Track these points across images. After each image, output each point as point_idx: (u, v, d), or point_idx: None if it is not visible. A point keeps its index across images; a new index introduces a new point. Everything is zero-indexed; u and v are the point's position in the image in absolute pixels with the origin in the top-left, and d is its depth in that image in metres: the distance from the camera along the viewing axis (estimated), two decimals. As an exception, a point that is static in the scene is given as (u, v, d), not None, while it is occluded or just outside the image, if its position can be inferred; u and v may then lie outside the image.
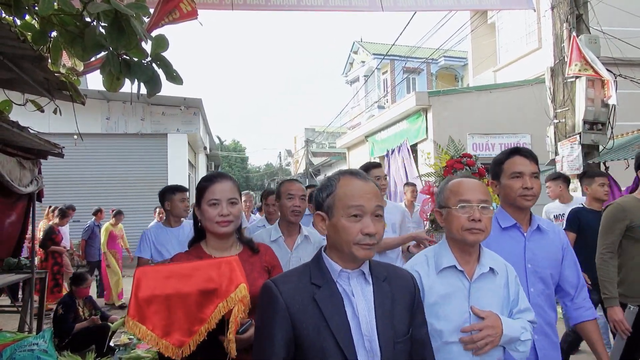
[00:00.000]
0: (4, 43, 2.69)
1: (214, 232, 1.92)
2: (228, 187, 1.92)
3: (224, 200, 1.89)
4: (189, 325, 1.69)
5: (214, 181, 1.94)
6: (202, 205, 1.92)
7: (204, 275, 1.73)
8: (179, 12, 3.31)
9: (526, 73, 12.23)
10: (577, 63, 5.87)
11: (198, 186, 1.95)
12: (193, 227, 2.08)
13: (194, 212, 2.00)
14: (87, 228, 8.77)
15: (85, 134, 6.02)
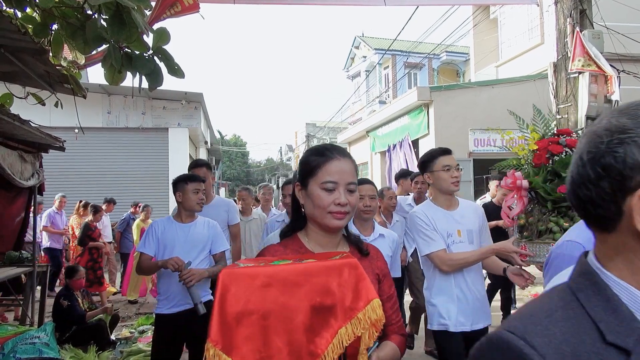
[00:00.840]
0: (5, 36, 2.67)
1: (323, 224, 1.46)
2: (349, 168, 1.47)
3: (342, 185, 1.43)
4: None
5: (331, 157, 1.46)
6: (310, 187, 1.46)
7: (319, 283, 1.24)
8: (180, 5, 3.29)
9: (528, 68, 12.18)
10: (580, 58, 5.84)
11: (306, 160, 1.50)
12: (291, 211, 1.63)
13: (294, 193, 1.54)
14: (123, 220, 8.95)
15: (86, 127, 6.01)
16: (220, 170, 30.57)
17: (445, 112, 11.25)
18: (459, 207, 2.83)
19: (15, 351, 3.67)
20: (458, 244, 2.69)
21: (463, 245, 2.68)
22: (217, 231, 3.43)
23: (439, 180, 2.76)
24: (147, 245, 3.31)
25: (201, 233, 3.36)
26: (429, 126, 11.47)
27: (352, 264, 1.28)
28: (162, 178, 13.15)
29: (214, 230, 3.41)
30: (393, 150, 13.16)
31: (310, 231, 1.53)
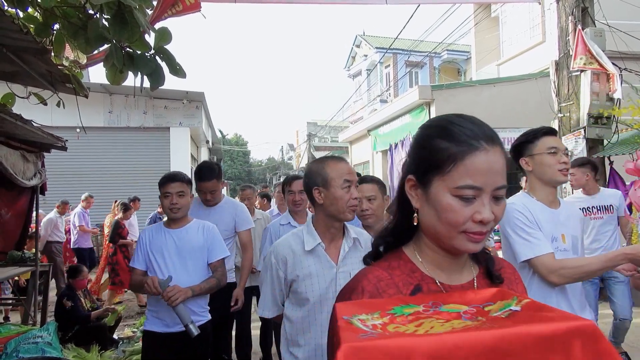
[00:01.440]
0: (7, 35, 2.67)
1: (450, 246, 1.00)
2: (499, 165, 0.99)
3: (487, 192, 0.96)
4: None
5: (476, 147, 0.97)
6: (434, 188, 0.99)
7: None
8: (182, 4, 3.29)
9: (530, 67, 12.16)
10: (582, 56, 5.83)
11: (432, 144, 1.01)
12: (396, 215, 1.12)
13: (402, 191, 1.08)
14: (150, 219, 8.99)
15: (87, 127, 6.02)
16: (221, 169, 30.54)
17: (446, 111, 11.03)
18: (561, 206, 2.23)
19: (18, 350, 3.67)
20: (562, 252, 2.09)
21: (567, 254, 2.10)
22: (214, 236, 3.04)
23: (541, 167, 2.16)
24: (136, 259, 2.93)
25: (194, 239, 2.96)
26: (431, 125, 11.46)
27: (586, 331, 0.70)
28: (164, 177, 13.16)
29: (210, 235, 3.02)
30: (395, 149, 13.15)
31: (423, 247, 1.06)
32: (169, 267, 2.87)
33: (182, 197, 2.93)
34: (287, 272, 2.00)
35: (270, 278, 2.07)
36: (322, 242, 2.02)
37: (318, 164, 2.09)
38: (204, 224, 3.06)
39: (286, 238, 2.10)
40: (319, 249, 2.01)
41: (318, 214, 2.07)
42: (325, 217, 2.03)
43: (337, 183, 1.98)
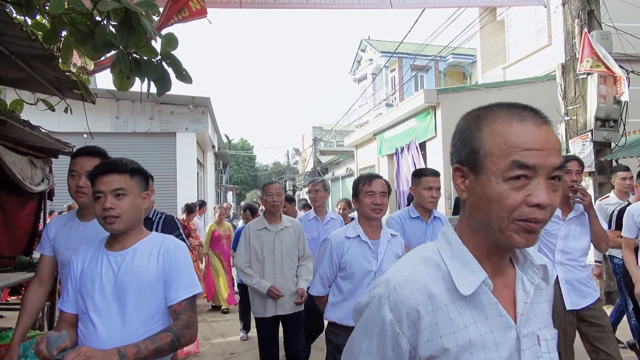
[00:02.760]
0: (16, 42, 2.70)
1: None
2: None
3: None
4: None
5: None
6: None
7: None
8: (188, 10, 3.31)
9: (536, 70, 12.12)
10: (588, 59, 5.81)
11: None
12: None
13: None
14: None
15: (94, 132, 6.06)
16: (227, 174, 30.64)
17: (452, 115, 11.21)
18: None
19: (26, 356, 3.68)
20: None
21: None
22: (178, 262, 1.91)
23: None
24: (64, 298, 1.97)
25: (143, 267, 1.87)
26: (437, 128, 11.44)
27: None
28: (170, 182, 13.23)
29: (172, 260, 1.90)
30: (401, 153, 13.13)
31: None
32: (99, 311, 1.83)
33: (123, 199, 1.86)
34: (418, 342, 0.95)
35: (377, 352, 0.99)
36: None
37: None
38: (163, 242, 1.96)
39: (412, 270, 1.01)
40: (483, 292, 0.98)
41: (467, 224, 1.03)
42: (482, 231, 0.98)
43: None
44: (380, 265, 2.76)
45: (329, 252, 2.86)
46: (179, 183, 13.29)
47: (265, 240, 3.84)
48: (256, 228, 3.90)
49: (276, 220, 3.91)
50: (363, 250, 2.81)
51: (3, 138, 3.70)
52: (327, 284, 2.93)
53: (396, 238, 2.96)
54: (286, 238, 3.88)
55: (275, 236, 3.86)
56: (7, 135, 3.73)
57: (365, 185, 2.88)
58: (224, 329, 6.32)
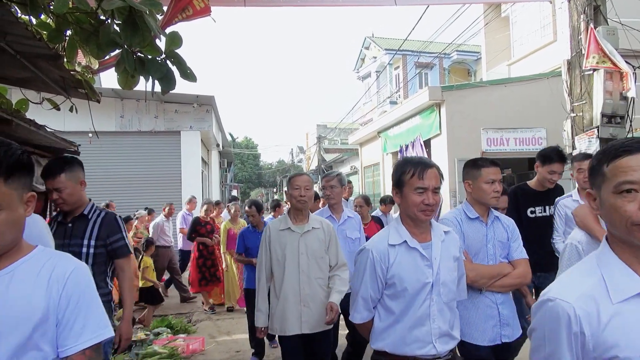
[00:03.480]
0: (21, 42, 2.71)
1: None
2: None
3: None
4: None
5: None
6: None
7: None
8: (192, 9, 3.30)
9: (541, 66, 12.06)
10: (594, 55, 5.76)
11: None
12: None
13: None
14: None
15: (99, 132, 6.08)
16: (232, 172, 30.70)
17: (457, 112, 11.18)
18: None
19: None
20: None
21: None
22: (80, 291, 1.36)
23: None
24: None
25: (19, 300, 1.29)
26: (441, 126, 11.41)
27: None
28: (175, 181, 13.26)
29: (72, 289, 1.34)
30: (405, 150, 13.10)
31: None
32: None
33: None
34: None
35: None
36: None
37: None
38: (57, 265, 1.36)
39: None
40: None
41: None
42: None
43: None
44: (438, 274, 2.14)
45: (370, 267, 2.17)
46: (184, 181, 13.33)
47: (289, 243, 3.22)
48: (278, 228, 3.29)
49: (302, 220, 3.30)
50: (414, 259, 2.15)
51: (9, 137, 3.71)
52: (372, 305, 2.24)
53: (450, 235, 2.30)
54: (314, 242, 3.23)
55: (300, 239, 3.22)
56: (13, 134, 3.74)
57: (414, 178, 2.11)
58: (230, 327, 6.33)
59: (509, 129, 11.23)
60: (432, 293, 2.13)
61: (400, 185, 2.18)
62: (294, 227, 3.26)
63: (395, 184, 2.22)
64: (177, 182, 13.27)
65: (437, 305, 2.13)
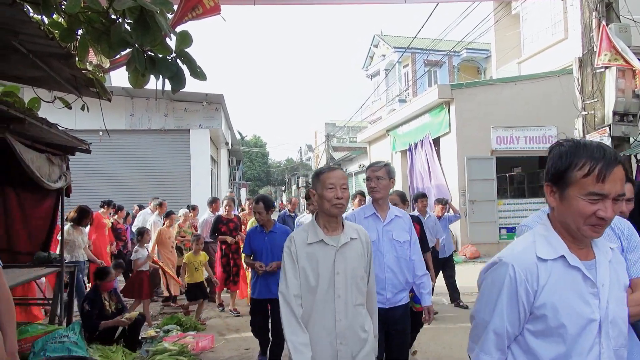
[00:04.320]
0: (33, 41, 2.74)
1: None
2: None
3: None
4: None
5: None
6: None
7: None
8: (202, 7, 3.31)
9: (552, 64, 11.96)
10: (606, 53, 5.70)
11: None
12: None
13: None
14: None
15: (109, 130, 6.12)
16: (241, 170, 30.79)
17: (466, 110, 11.13)
18: None
19: (45, 349, 3.76)
20: None
21: None
22: None
23: None
24: None
25: None
26: (450, 124, 11.35)
27: None
28: (184, 179, 13.34)
29: None
30: (415, 149, 13.06)
31: None
32: None
33: None
34: None
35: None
36: None
37: None
38: None
39: None
40: None
41: None
42: None
43: None
44: (607, 308, 1.44)
45: (510, 289, 1.45)
46: (193, 180, 13.40)
47: (321, 261, 2.40)
48: (305, 241, 2.45)
49: (337, 229, 2.47)
50: (575, 284, 1.44)
51: (21, 135, 3.76)
52: (506, 344, 1.50)
53: (617, 254, 1.60)
54: (353, 257, 2.45)
55: (336, 254, 2.41)
56: (25, 132, 3.79)
57: (591, 179, 1.38)
58: (239, 325, 6.35)
59: (519, 127, 11.15)
60: (601, 336, 1.42)
61: (563, 182, 1.44)
62: (327, 239, 2.41)
63: (551, 178, 1.48)
64: (186, 180, 13.35)
65: (607, 353, 1.42)
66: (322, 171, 2.53)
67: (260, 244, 4.62)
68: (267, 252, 4.57)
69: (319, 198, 2.46)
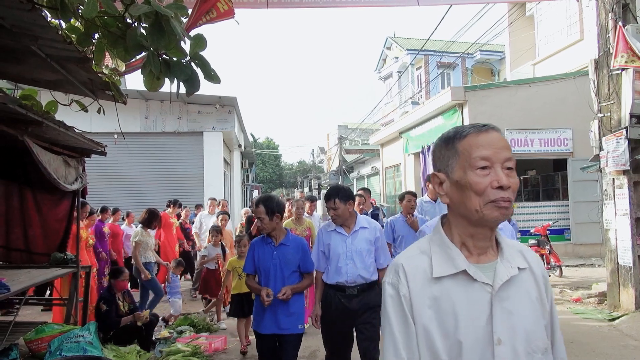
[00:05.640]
0: (51, 45, 2.79)
1: None
2: None
3: None
4: None
5: None
6: None
7: None
8: (216, 11, 3.35)
9: (567, 66, 11.83)
10: (623, 54, 5.63)
11: None
12: None
13: None
14: None
15: (124, 132, 6.19)
16: (253, 172, 30.92)
17: (480, 112, 11.04)
18: None
19: (61, 349, 3.81)
20: None
21: None
22: None
23: None
24: None
25: None
26: (464, 127, 11.29)
27: None
28: (198, 181, 13.44)
29: None
30: (428, 151, 13.00)
31: None
32: None
33: None
34: None
35: None
36: None
37: None
38: None
39: None
40: None
41: None
42: None
43: None
44: None
45: None
46: (206, 182, 13.49)
47: (465, 314, 1.23)
48: (428, 274, 1.31)
49: (487, 251, 1.29)
50: None
51: (39, 138, 3.82)
52: None
53: None
54: (525, 307, 1.26)
55: (494, 300, 1.21)
56: (43, 135, 3.85)
57: None
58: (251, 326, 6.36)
59: (533, 130, 11.04)
60: None
61: None
62: (474, 271, 1.23)
63: None
64: (199, 182, 13.45)
65: None
66: (461, 133, 1.24)
67: (267, 261, 3.48)
68: (277, 272, 3.46)
69: (455, 189, 1.23)
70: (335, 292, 3.54)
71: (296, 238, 3.70)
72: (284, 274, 3.44)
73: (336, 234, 3.62)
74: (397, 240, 5.36)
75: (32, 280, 4.22)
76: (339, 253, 3.53)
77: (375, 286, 3.53)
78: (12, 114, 3.11)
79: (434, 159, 1.33)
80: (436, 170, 1.30)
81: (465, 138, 1.23)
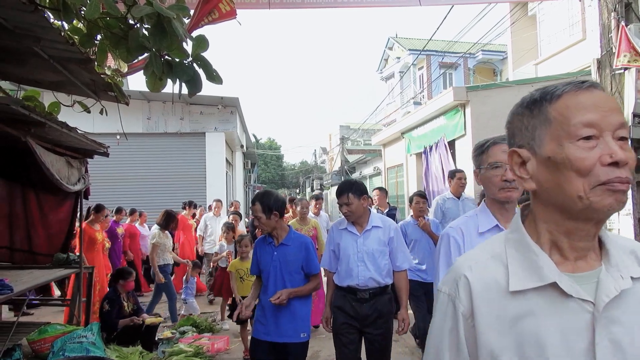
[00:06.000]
0: (54, 46, 2.80)
1: None
2: None
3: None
4: None
5: None
6: None
7: None
8: (218, 12, 3.36)
9: (570, 65, 11.81)
10: (626, 54, 5.62)
11: None
12: None
13: None
14: None
15: (127, 133, 6.20)
16: (255, 173, 30.94)
17: (482, 112, 11.02)
18: None
19: (64, 349, 3.82)
20: None
21: None
22: None
23: None
24: None
25: None
26: (466, 127, 11.26)
27: None
28: (200, 181, 13.46)
29: None
30: (430, 151, 12.99)
31: None
32: None
33: None
34: None
35: None
36: None
37: None
38: None
39: None
40: None
41: None
42: None
43: None
44: None
45: None
46: (209, 182, 13.51)
47: (557, 347, 0.88)
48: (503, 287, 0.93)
49: (587, 254, 0.94)
50: None
51: (42, 139, 3.83)
52: None
53: None
54: None
55: (597, 325, 0.85)
56: (46, 136, 3.87)
57: None
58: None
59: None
60: None
61: None
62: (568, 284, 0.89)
63: None
64: (201, 183, 13.47)
65: None
66: (552, 93, 0.96)
67: (267, 262, 3.30)
68: (277, 274, 3.26)
69: (545, 169, 0.93)
70: (346, 294, 3.33)
71: (299, 237, 3.42)
72: (284, 276, 3.23)
73: (347, 232, 3.39)
74: (410, 245, 4.90)
75: (35, 280, 4.24)
76: (349, 254, 3.31)
77: (388, 290, 3.35)
78: (15, 115, 3.13)
79: (511, 132, 1.04)
80: (516, 147, 0.98)
81: (559, 99, 0.91)
